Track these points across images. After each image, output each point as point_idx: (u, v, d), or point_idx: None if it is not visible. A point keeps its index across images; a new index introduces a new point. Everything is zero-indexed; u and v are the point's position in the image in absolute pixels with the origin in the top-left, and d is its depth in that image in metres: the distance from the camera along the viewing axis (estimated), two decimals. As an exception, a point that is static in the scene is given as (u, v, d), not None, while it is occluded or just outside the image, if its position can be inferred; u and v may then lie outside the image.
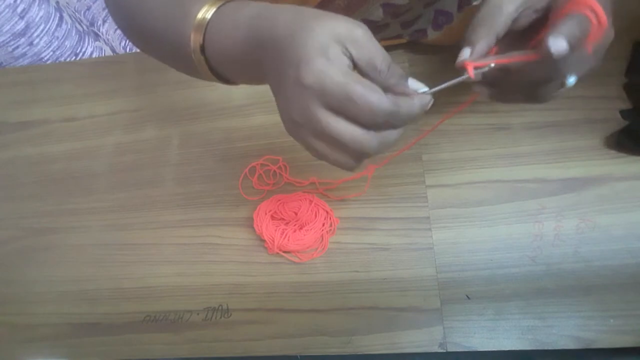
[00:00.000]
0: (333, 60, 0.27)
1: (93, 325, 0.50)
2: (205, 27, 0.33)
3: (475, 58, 0.33)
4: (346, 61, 0.28)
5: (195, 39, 0.34)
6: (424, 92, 0.30)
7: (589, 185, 0.47)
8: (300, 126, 0.29)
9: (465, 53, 0.33)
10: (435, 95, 0.30)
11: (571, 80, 0.32)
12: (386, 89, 0.29)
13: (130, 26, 0.42)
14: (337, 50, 0.27)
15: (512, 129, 0.50)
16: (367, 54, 0.28)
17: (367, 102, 0.27)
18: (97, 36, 0.93)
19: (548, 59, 0.29)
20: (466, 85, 0.37)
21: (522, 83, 0.34)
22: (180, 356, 0.48)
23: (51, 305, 0.52)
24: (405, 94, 0.29)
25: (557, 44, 0.28)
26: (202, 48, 0.34)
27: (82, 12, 0.93)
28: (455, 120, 0.52)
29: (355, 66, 0.29)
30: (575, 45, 0.29)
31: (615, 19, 0.33)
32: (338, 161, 0.30)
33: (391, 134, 0.29)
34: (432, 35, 0.54)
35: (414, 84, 0.30)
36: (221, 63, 0.35)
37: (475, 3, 0.50)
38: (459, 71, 0.33)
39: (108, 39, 0.98)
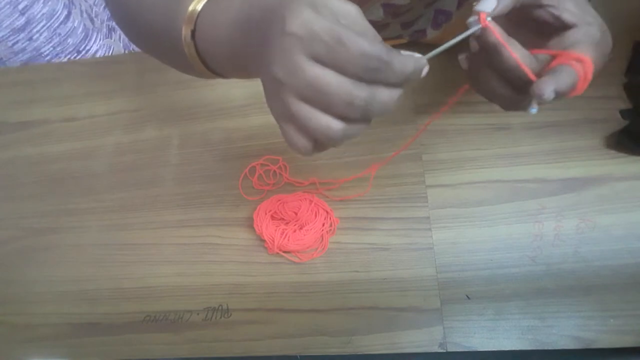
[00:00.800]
0: (322, 11, 0.25)
1: (93, 325, 0.50)
2: (196, 18, 0.33)
3: (496, 13, 0.32)
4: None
5: (186, 31, 0.34)
6: (419, 57, 0.28)
7: (589, 185, 0.47)
8: (282, 85, 0.26)
9: (490, 3, 0.31)
10: (430, 61, 0.29)
11: (533, 110, 0.34)
12: None
13: (128, 24, 0.42)
14: (328, 15, 0.26)
15: (512, 129, 0.50)
16: (359, 29, 0.27)
17: (358, 44, 0.25)
18: (111, 32, 0.92)
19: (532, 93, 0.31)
20: (459, 80, 0.37)
21: (497, 79, 0.34)
22: (180, 356, 0.48)
23: (51, 305, 0.52)
24: None
25: (548, 92, 0.30)
26: (193, 39, 0.34)
27: (101, 7, 0.92)
28: (455, 120, 0.52)
29: None
30: (559, 95, 0.31)
31: (615, 19, 0.33)
32: (322, 125, 0.27)
33: (382, 92, 0.27)
34: (432, 34, 0.54)
35: (407, 54, 0.28)
36: (211, 53, 0.35)
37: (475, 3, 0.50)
38: (469, 25, 0.33)
39: (122, 34, 0.97)
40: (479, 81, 0.36)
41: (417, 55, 0.28)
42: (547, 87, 0.30)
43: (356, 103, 0.26)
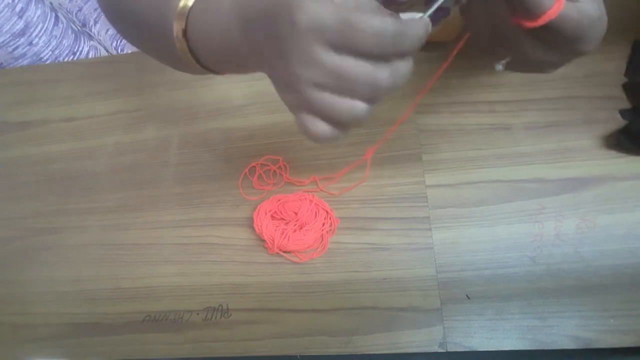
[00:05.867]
0: None
1: (93, 325, 0.50)
2: (187, 14, 0.33)
3: None
4: None
5: (177, 27, 0.34)
6: (421, 17, 0.28)
7: (589, 185, 0.47)
8: (300, 79, 0.27)
9: None
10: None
11: (498, 67, 0.35)
12: None
13: (119, 19, 0.42)
14: None
15: (512, 129, 0.50)
16: (364, 4, 0.26)
17: (370, 25, 0.25)
18: (90, 37, 0.93)
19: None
20: (474, 86, 0.37)
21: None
22: (180, 356, 0.48)
23: (51, 305, 0.52)
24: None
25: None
26: (185, 36, 0.34)
27: (74, 13, 0.93)
28: (455, 120, 0.52)
29: None
30: None
31: (615, 19, 0.33)
32: (347, 108, 0.27)
33: (401, 65, 0.27)
34: (431, 30, 0.54)
35: (408, 16, 0.28)
36: (204, 51, 0.34)
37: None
38: None
39: (100, 40, 0.98)
40: (474, 20, 0.36)
41: (418, 15, 0.28)
42: None
43: (378, 82, 0.26)
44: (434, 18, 0.54)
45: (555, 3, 0.29)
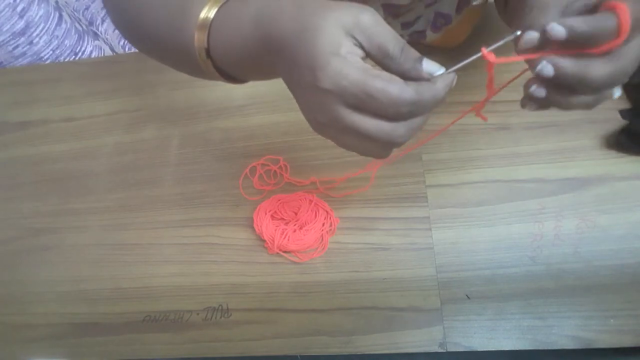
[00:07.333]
0: (346, 57, 0.26)
1: (93, 325, 0.50)
2: (209, 27, 0.33)
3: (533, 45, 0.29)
4: (359, 53, 0.27)
5: (199, 40, 0.33)
6: (440, 75, 0.28)
7: (589, 185, 0.47)
8: (325, 126, 0.29)
9: (533, 35, 0.28)
10: (457, 72, 0.29)
11: (617, 94, 0.31)
12: (402, 75, 0.28)
13: (128, 27, 0.41)
14: (348, 44, 0.27)
15: (512, 129, 0.50)
16: (377, 41, 0.27)
17: (387, 96, 0.26)
18: (96, 35, 0.93)
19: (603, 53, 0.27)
20: (474, 86, 0.36)
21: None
22: (180, 356, 0.48)
23: (51, 305, 0.52)
24: (422, 79, 0.28)
25: (556, 29, 0.26)
26: (207, 49, 0.33)
27: (81, 12, 0.93)
28: (455, 120, 0.52)
29: (367, 55, 0.28)
30: (574, 37, 0.27)
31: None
32: (368, 152, 0.30)
33: (418, 120, 0.29)
34: (431, 37, 0.54)
35: (429, 67, 0.28)
36: (228, 63, 0.34)
37: (475, 3, 0.50)
38: (519, 53, 0.29)
39: (107, 38, 0.98)
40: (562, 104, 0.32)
41: (438, 71, 0.28)
42: (557, 26, 0.26)
43: (395, 140, 0.28)
44: (436, 26, 0.54)
45: (620, 13, 0.26)
